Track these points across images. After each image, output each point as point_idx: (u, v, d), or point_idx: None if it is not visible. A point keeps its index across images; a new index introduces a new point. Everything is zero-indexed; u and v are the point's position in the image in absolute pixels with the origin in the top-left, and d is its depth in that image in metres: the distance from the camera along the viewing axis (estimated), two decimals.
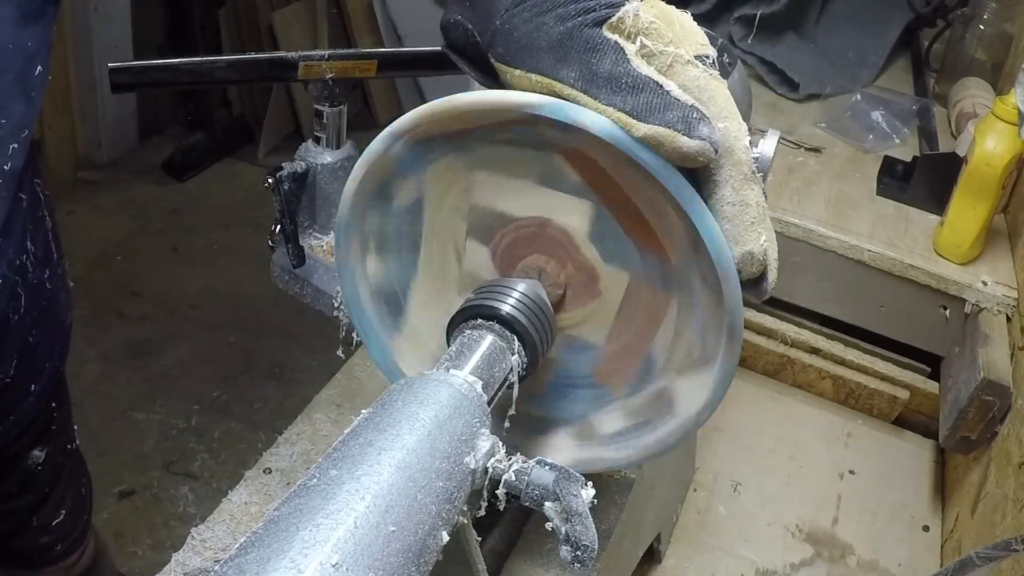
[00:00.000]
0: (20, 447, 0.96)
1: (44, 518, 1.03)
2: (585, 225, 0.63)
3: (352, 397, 0.89)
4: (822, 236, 1.30)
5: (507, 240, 0.66)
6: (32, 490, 1.01)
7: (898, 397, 1.32)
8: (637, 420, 0.67)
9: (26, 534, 1.03)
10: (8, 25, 0.64)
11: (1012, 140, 1.19)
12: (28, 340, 0.86)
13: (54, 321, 0.91)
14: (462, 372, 0.57)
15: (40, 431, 0.97)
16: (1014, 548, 0.80)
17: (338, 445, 0.48)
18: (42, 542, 1.05)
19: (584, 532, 0.50)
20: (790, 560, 1.11)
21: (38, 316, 0.86)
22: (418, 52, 0.93)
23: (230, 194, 3.08)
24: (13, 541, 1.04)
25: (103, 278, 2.59)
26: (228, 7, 3.15)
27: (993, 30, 1.67)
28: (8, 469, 0.97)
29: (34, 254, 0.83)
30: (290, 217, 0.86)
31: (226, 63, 0.84)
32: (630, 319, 0.65)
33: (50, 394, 0.96)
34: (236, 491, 0.79)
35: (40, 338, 0.88)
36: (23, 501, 1.01)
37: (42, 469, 0.99)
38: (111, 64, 0.79)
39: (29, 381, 0.89)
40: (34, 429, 0.96)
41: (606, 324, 0.66)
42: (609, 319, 0.66)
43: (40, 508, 1.03)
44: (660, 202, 0.57)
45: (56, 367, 0.94)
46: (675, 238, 0.59)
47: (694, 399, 0.63)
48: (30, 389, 0.89)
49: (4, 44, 0.65)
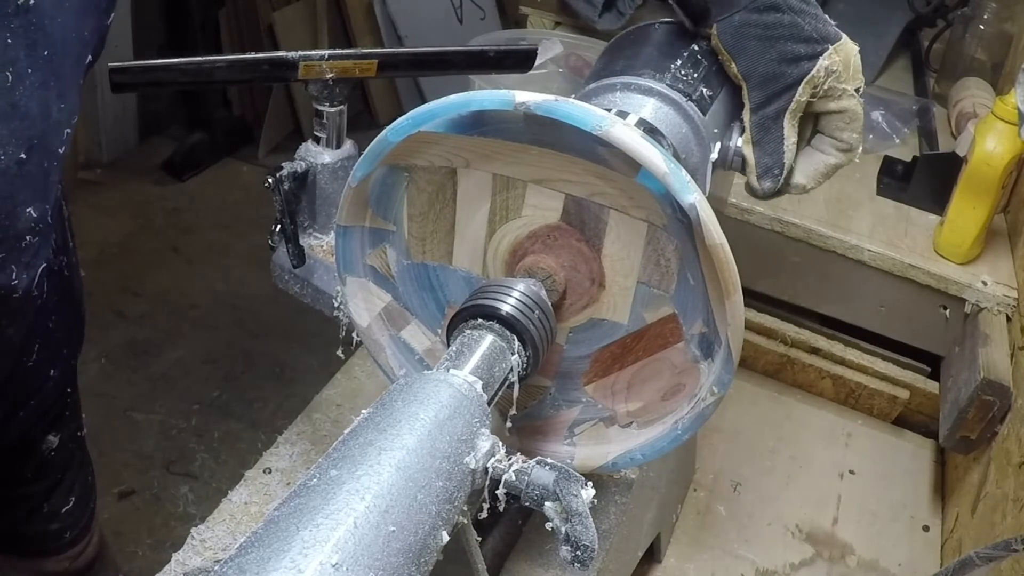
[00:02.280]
0: (37, 432, 0.98)
1: (55, 504, 1.05)
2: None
3: (352, 397, 0.89)
4: (822, 236, 1.30)
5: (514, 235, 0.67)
6: (46, 475, 1.02)
7: (898, 397, 1.32)
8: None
9: (37, 520, 1.05)
10: (73, 13, 0.66)
11: (1012, 140, 1.19)
12: (49, 325, 0.88)
13: (72, 307, 0.93)
14: (462, 372, 0.57)
15: (56, 416, 0.99)
16: (1014, 548, 0.80)
17: (338, 445, 0.48)
18: (52, 528, 1.07)
19: (584, 532, 0.50)
20: (790, 560, 1.11)
21: (57, 302, 0.88)
22: (418, 52, 0.93)
23: (230, 194, 3.08)
24: (24, 527, 1.05)
25: (103, 278, 2.59)
26: (228, 7, 3.15)
27: (993, 30, 1.67)
28: (25, 454, 0.98)
29: (56, 240, 0.86)
30: (290, 217, 0.86)
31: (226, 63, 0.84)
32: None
33: (67, 379, 0.98)
34: (236, 491, 0.79)
35: (59, 323, 0.90)
36: (37, 486, 1.02)
37: (55, 455, 1.01)
38: (111, 64, 0.79)
39: (49, 366, 0.91)
40: (51, 414, 0.98)
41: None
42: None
43: (52, 494, 1.04)
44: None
45: (73, 353, 0.97)
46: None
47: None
48: (49, 374, 0.91)
49: (69, 32, 0.67)
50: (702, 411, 0.65)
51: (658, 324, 0.66)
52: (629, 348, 0.68)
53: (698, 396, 0.65)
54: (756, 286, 1.36)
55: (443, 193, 0.67)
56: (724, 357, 0.62)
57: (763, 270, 1.35)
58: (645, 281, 0.65)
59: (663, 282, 0.64)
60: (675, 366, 0.67)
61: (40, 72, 0.65)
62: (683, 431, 0.66)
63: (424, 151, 0.65)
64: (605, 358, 0.69)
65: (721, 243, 0.57)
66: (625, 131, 0.56)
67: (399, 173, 0.67)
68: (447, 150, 0.64)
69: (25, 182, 0.68)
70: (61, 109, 0.69)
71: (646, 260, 0.64)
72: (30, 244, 0.72)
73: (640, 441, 0.69)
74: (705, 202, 0.57)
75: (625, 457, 0.69)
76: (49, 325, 0.88)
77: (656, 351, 0.67)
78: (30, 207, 0.70)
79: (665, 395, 0.68)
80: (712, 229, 0.57)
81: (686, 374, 0.66)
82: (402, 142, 0.63)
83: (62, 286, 0.90)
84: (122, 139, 3.15)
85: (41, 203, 0.71)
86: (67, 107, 0.70)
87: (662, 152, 0.57)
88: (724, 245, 0.57)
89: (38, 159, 0.68)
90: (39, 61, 0.65)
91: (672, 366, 0.67)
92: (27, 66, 0.64)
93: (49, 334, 0.88)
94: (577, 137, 0.58)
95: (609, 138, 0.56)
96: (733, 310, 0.59)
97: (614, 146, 0.57)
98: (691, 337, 0.65)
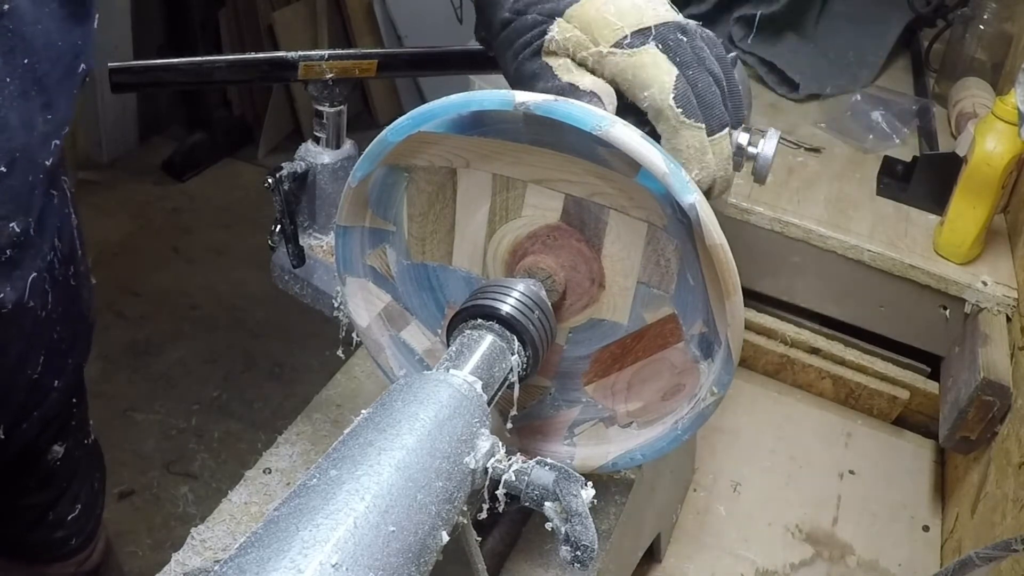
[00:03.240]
0: (42, 443, 0.96)
1: (60, 512, 1.03)
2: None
3: (352, 397, 0.89)
4: (822, 236, 1.30)
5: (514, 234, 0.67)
6: (51, 485, 1.01)
7: (898, 397, 1.32)
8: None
9: (42, 529, 1.03)
10: (57, 21, 0.65)
11: (1012, 140, 1.19)
12: (54, 336, 0.86)
13: (78, 317, 0.91)
14: (462, 372, 0.57)
15: (61, 426, 0.97)
16: (1014, 548, 0.80)
17: (338, 445, 0.48)
18: (57, 536, 1.05)
19: (584, 532, 0.50)
20: (790, 560, 1.11)
21: (63, 312, 0.86)
22: (418, 52, 0.94)
23: (230, 194, 3.08)
24: (29, 536, 1.04)
25: (103, 278, 2.57)
26: (228, 7, 3.15)
27: (993, 30, 1.67)
28: (29, 465, 0.97)
29: (60, 251, 0.84)
30: (290, 217, 0.86)
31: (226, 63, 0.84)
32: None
33: (72, 389, 0.96)
34: (236, 491, 0.79)
35: (64, 334, 0.87)
36: (41, 496, 1.01)
37: (61, 464, 0.99)
38: (111, 64, 0.79)
39: (53, 377, 0.89)
40: (55, 424, 0.96)
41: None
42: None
43: (57, 503, 1.03)
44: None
45: (79, 363, 0.94)
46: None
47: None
48: (54, 385, 0.89)
49: (54, 40, 0.65)
50: (702, 411, 0.65)
51: (658, 324, 0.66)
52: (629, 348, 0.68)
53: (698, 396, 0.65)
54: (756, 286, 1.36)
55: (443, 193, 0.67)
56: (724, 357, 0.62)
57: (763, 270, 1.35)
58: (645, 281, 0.65)
59: (663, 282, 0.64)
60: (675, 366, 0.67)
61: (19, 81, 0.63)
62: (683, 431, 0.66)
63: (424, 151, 0.65)
64: (605, 358, 0.69)
65: (721, 243, 0.57)
66: (625, 131, 0.56)
67: (399, 173, 0.67)
68: (447, 150, 0.64)
69: (7, 196, 0.66)
70: (48, 120, 0.67)
71: (646, 260, 0.64)
72: (12, 258, 0.70)
73: (640, 441, 0.69)
74: (705, 202, 0.57)
75: (625, 457, 0.69)
76: (54, 336, 0.86)
77: (656, 351, 0.67)
78: (13, 222, 0.68)
79: (665, 395, 0.68)
80: (712, 229, 0.57)
81: (686, 374, 0.66)
82: (402, 142, 0.63)
83: (68, 297, 0.87)
84: (122, 139, 3.15)
85: (24, 217, 0.69)
86: (55, 118, 0.68)
87: (662, 152, 0.57)
88: (724, 245, 0.57)
89: (21, 173, 0.66)
90: (17, 69, 0.62)
91: (672, 366, 0.67)
92: (4, 75, 0.61)
93: (53, 345, 0.86)
94: (577, 137, 0.58)
95: (609, 138, 0.56)
96: (733, 310, 0.59)
97: (614, 146, 0.57)
98: (691, 337, 0.65)
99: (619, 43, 0.61)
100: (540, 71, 0.63)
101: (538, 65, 0.63)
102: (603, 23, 0.62)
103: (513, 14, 0.66)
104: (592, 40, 0.62)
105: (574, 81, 0.62)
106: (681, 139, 0.61)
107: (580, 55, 0.62)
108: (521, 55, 0.65)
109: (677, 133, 0.61)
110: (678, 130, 0.61)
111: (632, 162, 0.57)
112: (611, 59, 0.61)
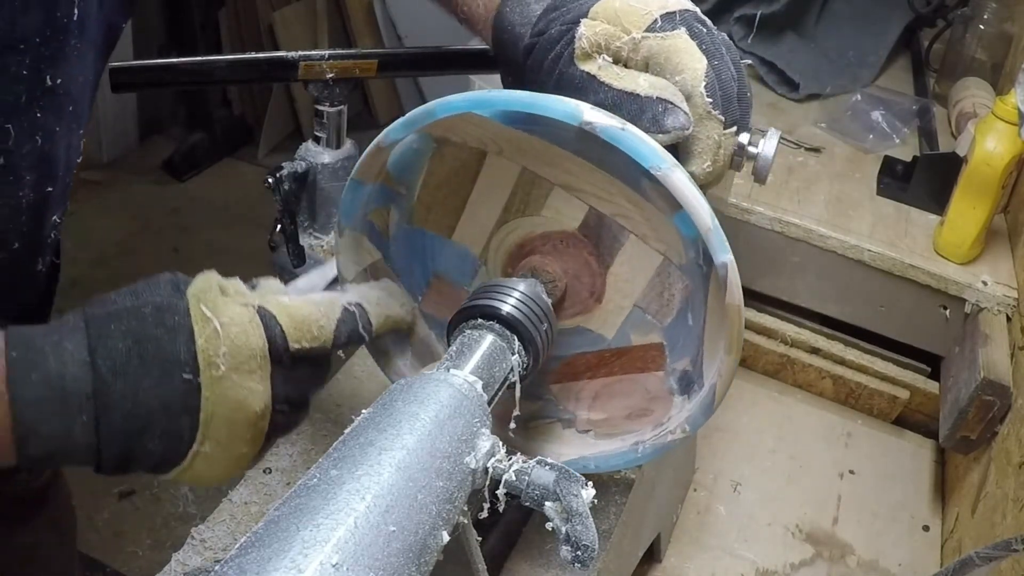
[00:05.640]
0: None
1: None
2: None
3: (352, 397, 0.89)
4: (822, 236, 1.30)
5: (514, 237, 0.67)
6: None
7: (898, 397, 1.31)
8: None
9: None
10: (87, 65, 0.65)
11: (1012, 140, 1.19)
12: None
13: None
14: (462, 372, 0.57)
15: None
16: (1014, 548, 0.80)
17: (338, 445, 0.48)
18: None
19: (584, 532, 0.50)
20: (790, 560, 1.11)
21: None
22: (418, 52, 0.94)
23: (230, 194, 3.08)
24: None
25: (103, 278, 2.58)
26: (228, 7, 3.15)
27: (993, 30, 1.67)
28: None
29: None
30: (290, 217, 0.86)
31: (226, 63, 0.84)
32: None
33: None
34: (236, 491, 0.79)
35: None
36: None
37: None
38: (111, 64, 0.79)
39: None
40: None
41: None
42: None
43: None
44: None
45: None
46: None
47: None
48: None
49: (87, 81, 0.65)
50: (668, 443, 0.66)
51: (642, 348, 0.67)
52: (606, 361, 0.68)
53: (665, 427, 0.66)
54: (756, 286, 1.36)
55: (466, 170, 0.67)
56: (705, 402, 0.63)
57: (763, 270, 1.35)
58: (642, 306, 0.66)
59: (660, 313, 0.65)
60: (648, 391, 0.68)
61: (65, 123, 0.65)
62: (642, 456, 0.67)
63: (463, 129, 0.64)
64: (578, 364, 0.69)
65: (740, 304, 0.58)
66: (683, 178, 0.57)
67: (428, 142, 0.66)
68: (487, 134, 0.64)
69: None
70: (80, 122, 0.68)
71: (650, 288, 0.65)
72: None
73: (595, 451, 0.70)
74: (734, 263, 0.58)
75: (578, 463, 0.70)
76: None
77: (633, 372, 0.68)
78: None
79: (631, 415, 0.69)
80: (736, 291, 0.58)
81: (657, 402, 0.67)
82: (447, 118, 0.62)
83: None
84: (122, 139, 3.15)
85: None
86: (83, 118, 0.69)
87: (710, 208, 0.57)
88: (742, 307, 0.58)
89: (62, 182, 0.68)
90: (64, 117, 0.64)
91: (646, 390, 0.68)
92: (53, 125, 0.63)
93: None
94: (627, 164, 0.58)
95: (666, 182, 0.57)
96: (730, 366, 0.61)
97: (664, 187, 0.57)
98: (673, 370, 0.66)
99: (651, 28, 0.62)
100: (584, 82, 0.62)
101: (578, 75, 0.63)
102: (631, 11, 0.62)
103: (536, 36, 0.66)
104: (623, 29, 0.62)
105: (627, 88, 0.61)
106: (703, 128, 0.61)
107: (614, 46, 0.62)
108: (556, 70, 0.64)
109: (701, 122, 0.61)
110: (703, 119, 0.61)
111: (673, 202, 0.58)
112: (645, 43, 0.61)
